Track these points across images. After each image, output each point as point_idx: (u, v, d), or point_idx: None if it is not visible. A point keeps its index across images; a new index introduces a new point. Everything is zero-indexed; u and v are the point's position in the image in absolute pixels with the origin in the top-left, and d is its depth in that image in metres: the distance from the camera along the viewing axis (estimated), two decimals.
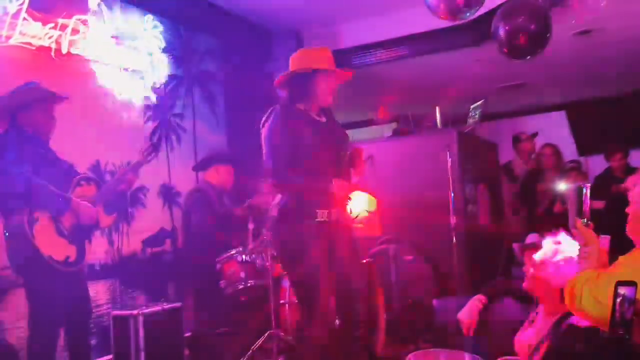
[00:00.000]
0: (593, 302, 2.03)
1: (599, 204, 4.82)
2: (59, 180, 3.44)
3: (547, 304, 2.77)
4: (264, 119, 3.27)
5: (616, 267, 2.14)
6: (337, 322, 3.22)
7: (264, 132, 3.24)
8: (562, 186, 5.34)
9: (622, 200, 2.45)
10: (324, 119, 3.35)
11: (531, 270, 2.76)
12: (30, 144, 3.40)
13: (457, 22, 5.82)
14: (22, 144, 3.34)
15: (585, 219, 2.30)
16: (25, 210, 3.23)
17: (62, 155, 3.67)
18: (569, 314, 2.65)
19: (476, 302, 3.07)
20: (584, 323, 2.36)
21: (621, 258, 2.21)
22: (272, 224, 3.28)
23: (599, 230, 2.27)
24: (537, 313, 2.84)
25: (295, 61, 3.35)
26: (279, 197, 3.22)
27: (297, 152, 3.13)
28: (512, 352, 2.78)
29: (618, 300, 1.86)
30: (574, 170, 6.35)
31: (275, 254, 3.39)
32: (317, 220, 3.11)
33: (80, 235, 3.50)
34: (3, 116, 3.49)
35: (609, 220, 2.70)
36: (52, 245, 3.32)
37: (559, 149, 6.44)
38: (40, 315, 3.34)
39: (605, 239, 2.38)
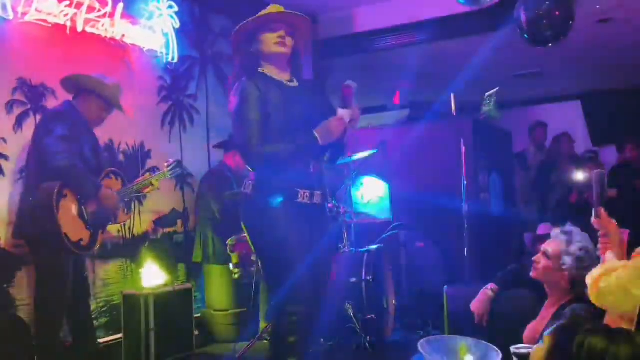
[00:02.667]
0: (622, 295, 1.98)
1: (612, 193, 4.77)
2: (92, 167, 3.54)
3: (554, 294, 2.76)
4: (231, 93, 2.94)
5: None
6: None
7: (232, 106, 2.91)
8: (579, 176, 5.29)
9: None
10: (295, 83, 3.02)
11: (543, 260, 2.75)
12: (80, 125, 3.51)
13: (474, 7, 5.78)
14: (73, 123, 3.44)
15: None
16: (57, 184, 3.28)
17: None
18: (569, 303, 2.65)
19: (488, 291, 3.06)
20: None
21: None
22: (245, 203, 2.95)
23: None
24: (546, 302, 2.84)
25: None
26: (252, 173, 2.93)
27: (271, 125, 2.83)
28: (522, 341, 2.77)
29: None
30: (591, 161, 6.29)
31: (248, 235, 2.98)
32: (297, 201, 2.85)
33: (98, 223, 3.55)
34: (70, 89, 3.65)
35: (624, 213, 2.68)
36: (71, 224, 3.34)
37: (573, 139, 6.39)
38: (46, 288, 3.39)
39: (624, 233, 2.34)
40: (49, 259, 3.38)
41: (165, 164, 4.01)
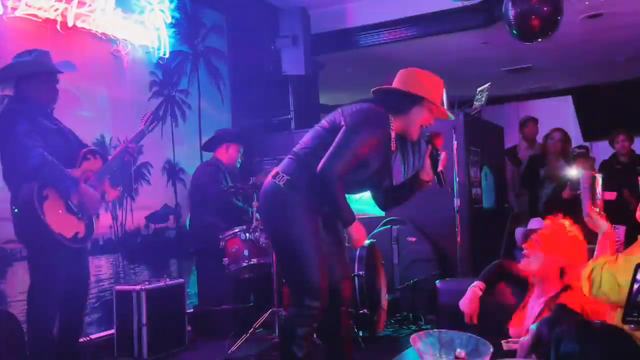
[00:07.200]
0: (613, 285, 2.02)
1: (612, 196, 4.78)
2: (66, 153, 3.40)
3: (542, 285, 2.77)
4: (360, 112, 2.89)
5: (635, 249, 2.13)
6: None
7: (352, 127, 2.84)
8: (572, 172, 5.30)
9: None
10: (394, 148, 3.02)
11: (535, 247, 2.76)
12: (37, 115, 3.35)
13: (466, 4, 5.80)
14: (30, 115, 3.29)
15: (598, 209, 2.29)
16: (35, 187, 3.18)
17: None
18: (558, 295, 2.67)
19: (476, 289, 3.07)
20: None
21: None
22: (274, 192, 2.93)
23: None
24: (531, 293, 2.86)
25: (406, 79, 3.01)
26: (286, 167, 2.93)
27: (359, 167, 2.88)
28: (509, 336, 2.80)
29: (636, 286, 1.85)
30: (582, 156, 6.32)
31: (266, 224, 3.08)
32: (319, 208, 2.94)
33: (88, 211, 3.46)
34: (6, 85, 3.50)
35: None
36: (62, 222, 3.28)
37: (568, 135, 6.41)
38: (43, 291, 3.33)
39: (621, 229, 2.38)
40: (47, 260, 3.31)
41: (144, 121, 3.80)
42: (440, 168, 3.00)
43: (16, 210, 3.27)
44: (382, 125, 2.92)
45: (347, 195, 2.97)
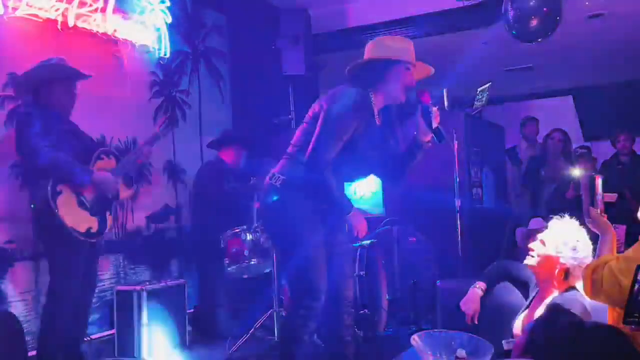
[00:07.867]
0: (614, 285, 2.02)
1: (612, 197, 4.79)
2: (81, 153, 3.49)
3: (546, 285, 2.77)
4: (335, 95, 2.92)
5: (636, 249, 2.13)
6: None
7: (329, 111, 2.87)
8: (576, 172, 5.30)
9: None
10: (379, 121, 3.02)
11: (539, 247, 2.75)
12: (53, 118, 3.44)
13: (466, 4, 5.81)
14: (45, 118, 3.38)
15: (599, 211, 2.30)
16: (49, 183, 3.27)
17: None
18: (562, 295, 2.67)
19: (476, 290, 3.07)
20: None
21: None
22: (272, 194, 2.97)
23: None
24: (535, 294, 2.85)
25: (371, 49, 3.04)
26: (282, 168, 2.99)
27: (345, 148, 2.88)
28: (511, 335, 2.79)
29: (637, 286, 1.85)
30: (583, 156, 6.32)
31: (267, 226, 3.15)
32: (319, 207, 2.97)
33: (101, 207, 3.53)
34: (25, 91, 3.56)
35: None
36: (74, 217, 3.36)
37: (569, 135, 6.41)
38: (60, 285, 3.38)
39: (621, 229, 2.38)
40: (62, 255, 3.38)
41: (159, 124, 3.92)
42: (435, 124, 2.96)
43: (33, 206, 3.36)
44: (361, 102, 2.91)
45: (348, 192, 2.98)
